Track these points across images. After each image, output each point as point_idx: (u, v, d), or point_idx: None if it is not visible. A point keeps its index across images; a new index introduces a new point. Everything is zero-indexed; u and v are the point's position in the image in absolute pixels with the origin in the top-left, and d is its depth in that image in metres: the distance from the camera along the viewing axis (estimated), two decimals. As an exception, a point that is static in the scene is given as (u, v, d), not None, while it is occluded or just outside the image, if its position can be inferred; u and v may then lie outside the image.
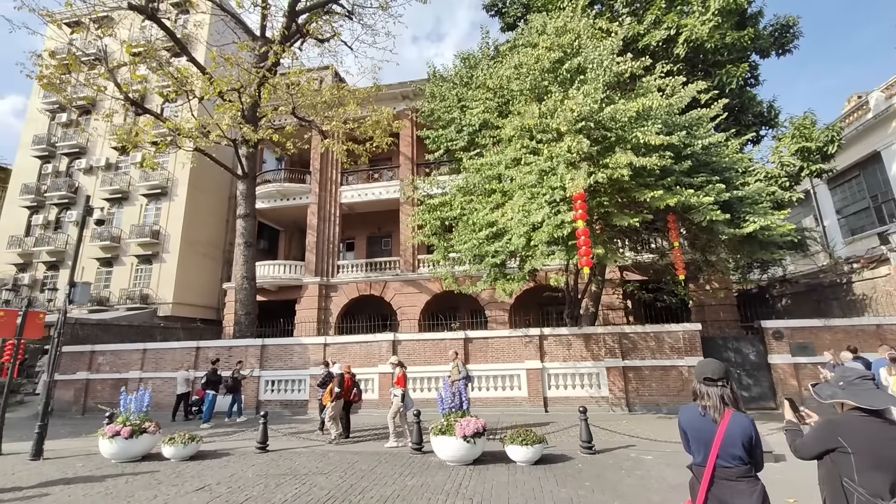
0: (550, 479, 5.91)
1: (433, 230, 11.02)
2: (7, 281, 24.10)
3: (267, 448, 8.13)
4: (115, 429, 7.42)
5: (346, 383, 9.13)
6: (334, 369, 9.51)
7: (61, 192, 24.94)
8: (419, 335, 13.78)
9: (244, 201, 16.45)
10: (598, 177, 7.64)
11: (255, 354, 14.14)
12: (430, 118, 13.57)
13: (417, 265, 20.19)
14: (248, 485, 6.02)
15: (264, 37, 17.92)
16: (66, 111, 27.08)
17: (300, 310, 20.35)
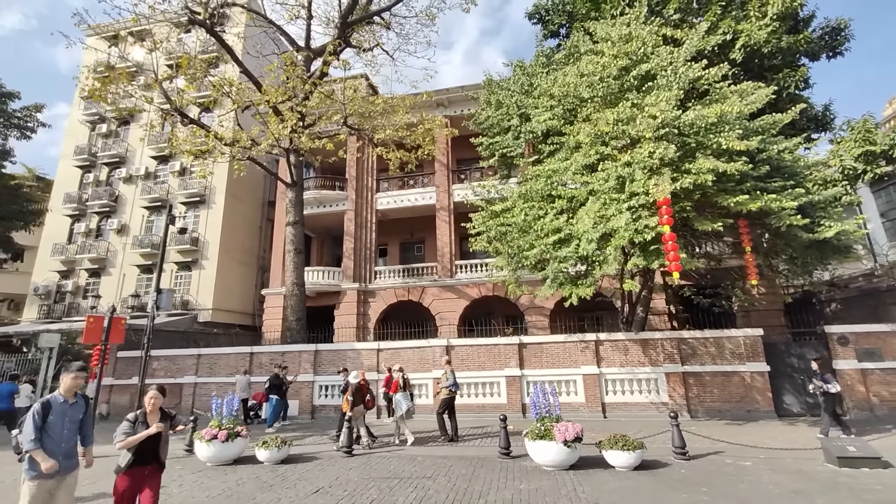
0: (662, 485, 5.93)
1: (497, 236, 11.11)
2: (51, 287, 24.71)
3: (353, 452, 8.24)
4: (213, 433, 7.60)
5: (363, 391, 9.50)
6: (350, 378, 9.65)
7: (102, 200, 25.55)
8: (473, 340, 13.84)
9: (293, 208, 16.72)
10: (685, 182, 7.69)
11: (309, 360, 14.32)
12: (482, 125, 13.73)
13: (455, 271, 20.30)
14: (361, 488, 6.13)
15: (309, 47, 18.29)
16: (105, 122, 27.82)
17: (339, 315, 20.55)
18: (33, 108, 15.64)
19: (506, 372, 13.02)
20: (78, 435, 4.21)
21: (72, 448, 4.10)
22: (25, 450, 3.89)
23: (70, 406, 4.15)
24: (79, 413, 4.20)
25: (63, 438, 4.03)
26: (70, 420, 4.11)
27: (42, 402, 4.07)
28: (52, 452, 3.92)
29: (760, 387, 11.64)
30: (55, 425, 4.01)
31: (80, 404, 4.24)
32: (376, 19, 18.19)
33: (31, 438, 3.87)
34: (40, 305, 24.35)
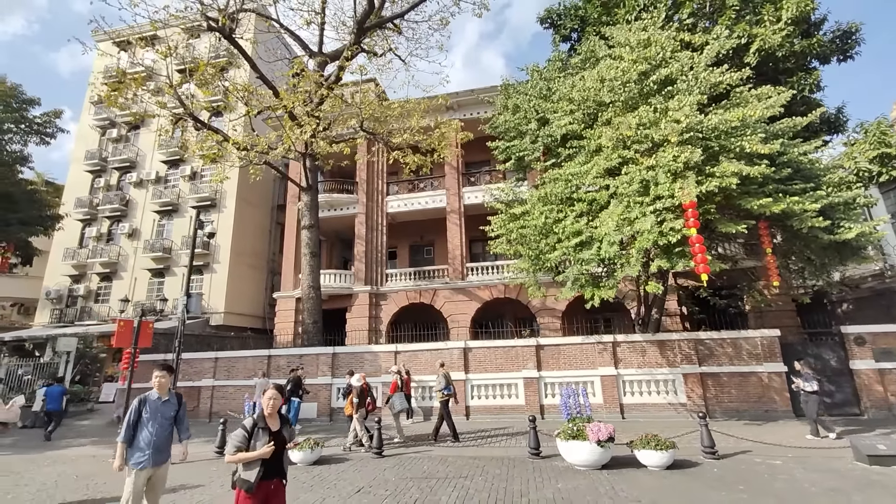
0: (699, 484, 6.04)
1: (518, 238, 11.23)
2: (63, 292, 24.83)
3: (383, 453, 8.34)
4: (247, 434, 7.69)
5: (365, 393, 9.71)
6: (353, 381, 9.84)
7: (113, 205, 25.71)
8: (490, 343, 13.95)
9: (308, 212, 16.85)
10: (711, 185, 7.82)
11: (327, 362, 14.43)
12: (498, 129, 13.87)
13: (466, 273, 20.41)
14: (401, 487, 6.23)
15: (322, 52, 18.48)
16: (116, 127, 28.02)
17: (351, 318, 20.65)
18: (52, 114, 15.80)
19: (523, 374, 13.12)
20: (173, 430, 4.46)
21: (163, 442, 4.37)
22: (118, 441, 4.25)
23: (163, 403, 4.40)
24: (171, 410, 4.43)
25: (155, 433, 4.27)
26: (163, 416, 4.36)
27: (138, 399, 4.34)
28: (144, 446, 4.26)
29: (778, 387, 11.74)
30: (148, 421, 4.25)
31: (172, 402, 4.47)
32: (388, 24, 18.39)
33: (122, 434, 4.27)
34: (52, 310, 24.47)
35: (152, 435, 4.31)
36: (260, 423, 3.65)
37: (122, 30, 25.35)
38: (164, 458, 4.42)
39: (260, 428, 3.63)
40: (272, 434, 3.65)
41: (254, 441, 3.55)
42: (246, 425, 3.63)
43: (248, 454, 3.51)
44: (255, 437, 3.57)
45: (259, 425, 3.63)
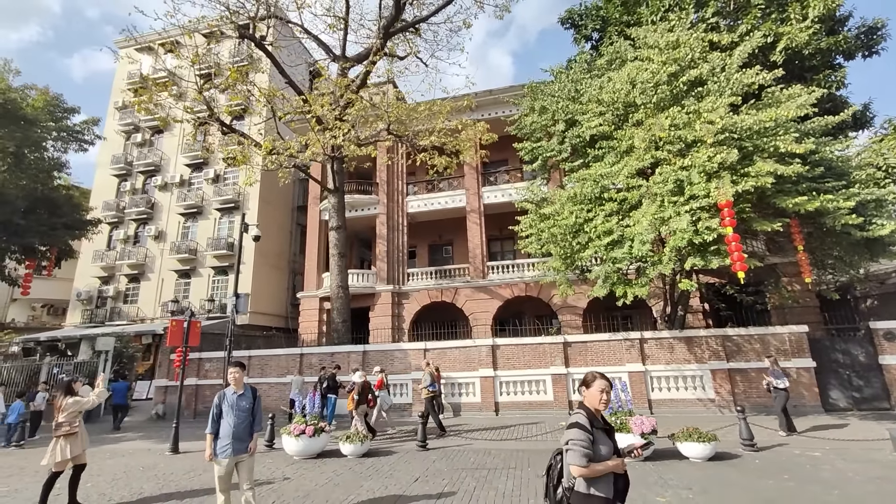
0: (743, 474, 6.27)
1: (549, 238, 11.48)
2: (93, 293, 25.56)
3: (427, 447, 8.67)
4: (301, 428, 8.08)
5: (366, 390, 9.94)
6: (355, 378, 10.13)
7: (139, 207, 26.38)
8: (517, 340, 14.22)
9: (336, 214, 17.24)
10: (747, 185, 8.01)
11: (357, 360, 14.80)
12: (524, 130, 14.11)
13: (487, 272, 20.68)
14: (456, 476, 6.55)
15: (345, 56, 18.82)
16: (140, 131, 28.69)
17: (374, 317, 21.01)
18: (90, 122, 16.31)
19: (551, 370, 13.38)
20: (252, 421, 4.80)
21: (242, 432, 4.70)
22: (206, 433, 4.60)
23: (238, 397, 4.74)
24: (247, 403, 4.75)
25: (234, 425, 4.61)
26: (239, 409, 4.69)
27: (218, 395, 4.71)
28: (225, 436, 4.65)
29: (807, 382, 11.87)
30: (227, 414, 4.60)
31: (247, 395, 4.80)
32: (411, 28, 18.68)
33: (209, 426, 4.68)
34: (83, 310, 25.19)
35: (231, 426, 4.67)
36: (597, 421, 2.75)
37: (146, 35, 25.95)
38: (245, 446, 4.75)
39: (600, 430, 2.73)
40: (610, 435, 2.78)
41: (596, 445, 2.66)
42: (580, 423, 2.69)
43: (607, 465, 2.61)
44: (597, 441, 2.69)
45: (596, 425, 2.72)
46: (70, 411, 5.61)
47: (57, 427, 5.55)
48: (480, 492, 5.84)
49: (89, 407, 5.81)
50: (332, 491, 6.12)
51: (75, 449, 5.58)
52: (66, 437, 5.52)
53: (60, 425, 5.54)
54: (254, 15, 15.62)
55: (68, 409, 5.61)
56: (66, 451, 5.48)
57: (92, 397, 5.88)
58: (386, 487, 6.19)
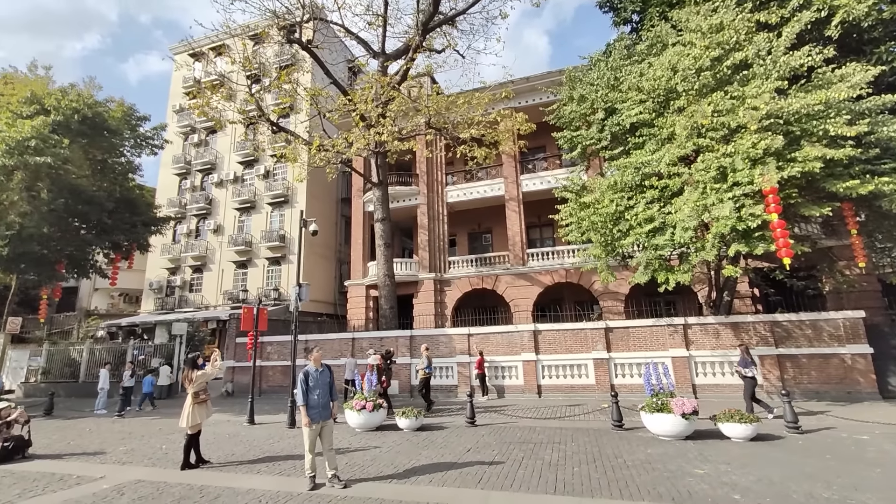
0: (785, 453, 6.51)
1: (591, 226, 11.72)
2: (162, 283, 28.04)
3: (476, 423, 9.35)
4: (362, 404, 8.97)
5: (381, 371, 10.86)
6: (370, 360, 10.98)
7: (199, 204, 28.48)
8: (559, 325, 14.59)
9: (380, 206, 18.08)
10: (793, 171, 7.98)
11: (405, 344, 15.71)
12: (563, 119, 14.23)
13: (526, 259, 20.99)
14: (504, 448, 7.19)
15: (384, 52, 19.44)
16: (196, 132, 30.75)
17: (417, 304, 21.90)
18: (159, 128, 17.89)
19: (593, 355, 13.70)
20: (329, 394, 5.63)
21: (326, 402, 5.63)
22: (299, 405, 5.41)
23: (320, 373, 5.59)
24: (326, 378, 5.61)
25: (319, 396, 5.48)
26: (322, 383, 5.54)
27: (303, 372, 5.55)
28: (314, 405, 5.51)
29: (863, 368, 11.58)
30: (314, 388, 5.45)
31: (326, 372, 5.66)
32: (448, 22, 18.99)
33: (301, 399, 5.53)
34: (155, 298, 27.73)
35: (318, 397, 5.64)
36: None
37: (198, 40, 27.70)
38: (328, 413, 5.71)
39: None
40: None
41: None
42: None
43: None
44: None
45: None
46: (199, 382, 6.73)
47: (195, 396, 6.68)
48: (528, 461, 6.44)
49: (210, 378, 6.94)
50: (395, 457, 6.92)
51: (205, 415, 6.75)
52: (199, 404, 6.63)
53: (198, 394, 6.67)
54: (299, 20, 16.47)
55: (197, 380, 6.72)
56: (199, 416, 6.64)
57: (209, 369, 7.01)
58: (441, 455, 6.92)
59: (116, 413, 12.71)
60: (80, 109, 14.02)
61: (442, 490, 5.29)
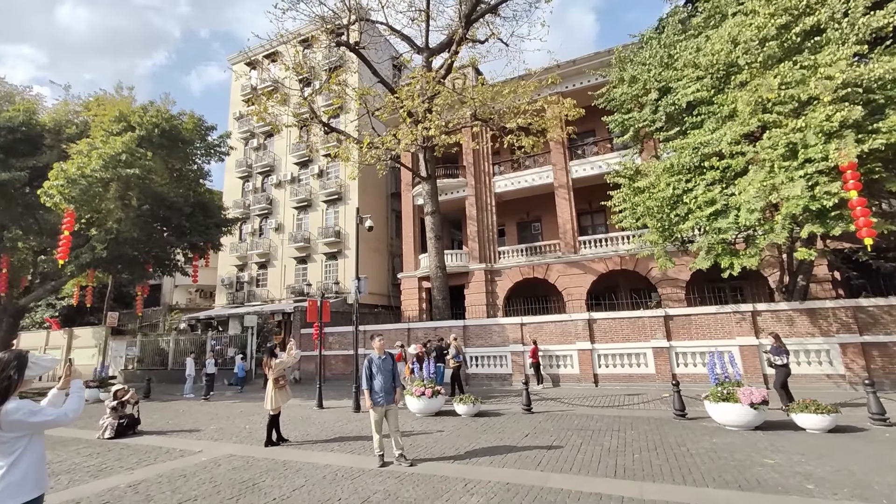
0: (868, 444, 6.14)
1: (646, 211, 11.38)
2: (232, 279, 30.36)
3: (532, 410, 9.52)
4: (422, 390, 9.42)
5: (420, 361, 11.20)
6: (410, 350, 11.18)
7: (261, 204, 30.40)
8: (615, 314, 14.32)
9: (430, 200, 18.49)
10: (875, 143, 7.34)
11: (458, 333, 16.05)
12: (613, 102, 13.80)
13: (578, 246, 20.61)
14: (562, 434, 7.32)
15: (428, 47, 19.66)
16: (255, 137, 32.72)
17: (469, 294, 22.19)
18: (225, 136, 19.32)
19: (652, 343, 13.34)
20: (392, 380, 6.05)
21: (389, 387, 6.05)
22: (363, 389, 5.91)
23: (382, 361, 6.03)
24: (389, 365, 6.04)
25: (383, 381, 5.91)
26: (384, 370, 5.98)
27: (367, 359, 6.00)
28: (378, 390, 5.95)
29: (965, 358, 10.45)
30: (377, 374, 5.90)
31: (388, 360, 6.09)
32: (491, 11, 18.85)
33: (364, 384, 6.03)
34: (227, 293, 30.10)
35: (382, 382, 6.04)
36: None
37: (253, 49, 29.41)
38: (391, 398, 6.11)
39: None
40: None
41: None
42: None
43: None
44: None
45: None
46: (277, 369, 7.45)
47: (275, 381, 7.41)
48: (587, 447, 6.54)
49: (287, 366, 7.65)
50: (455, 440, 7.27)
51: (284, 398, 7.49)
52: (279, 388, 7.36)
53: (277, 380, 7.41)
54: (346, 23, 17.06)
55: (276, 367, 7.46)
56: (280, 399, 7.37)
57: (285, 357, 7.72)
58: (500, 440, 7.17)
59: (203, 397, 14.15)
60: (159, 124, 15.50)
61: (502, 471, 5.55)
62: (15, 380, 2.66)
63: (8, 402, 2.60)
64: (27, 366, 2.73)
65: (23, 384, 2.71)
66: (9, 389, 2.62)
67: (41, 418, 2.67)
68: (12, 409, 2.58)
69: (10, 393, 2.63)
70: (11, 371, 2.65)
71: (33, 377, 2.78)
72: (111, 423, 8.64)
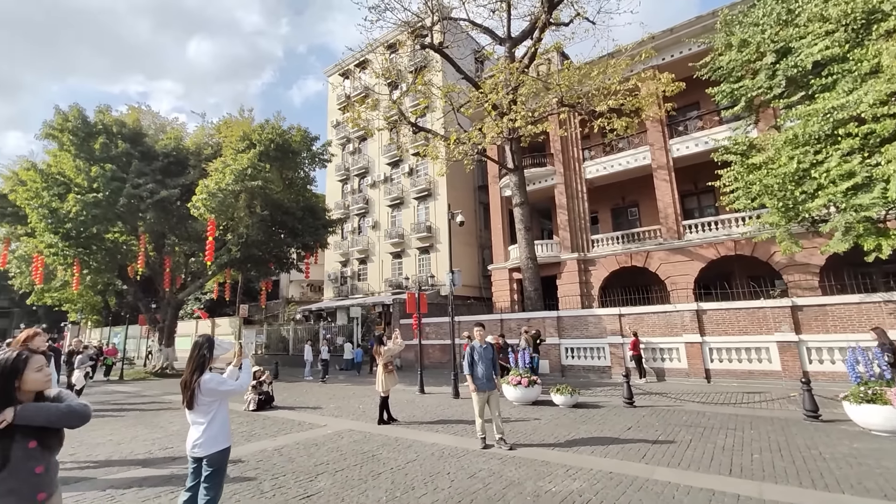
0: None
1: (764, 189, 10.20)
2: (337, 274, 33.29)
3: (634, 403, 9.21)
4: (518, 379, 9.65)
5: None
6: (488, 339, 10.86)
7: (358, 204, 32.80)
8: (729, 304, 13.08)
9: (518, 191, 18.46)
10: None
11: (552, 325, 15.94)
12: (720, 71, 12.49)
13: (682, 231, 19.02)
14: (668, 430, 7.04)
15: (510, 37, 19.49)
16: (350, 142, 35.29)
17: (561, 285, 21.73)
18: (327, 144, 21.25)
19: (776, 337, 11.95)
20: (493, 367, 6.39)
21: (490, 374, 6.37)
22: (465, 374, 6.32)
23: (483, 349, 6.37)
24: (489, 354, 6.37)
25: (485, 368, 6.26)
26: (485, 358, 6.32)
27: (469, 347, 6.38)
28: (480, 376, 6.29)
29: None
30: (479, 361, 6.27)
31: (489, 348, 6.43)
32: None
33: (466, 370, 6.40)
34: (333, 287, 33.12)
35: (484, 369, 6.37)
36: None
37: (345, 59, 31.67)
38: (493, 384, 6.42)
39: None
40: None
41: None
42: None
43: None
44: None
45: None
46: (386, 355, 8.29)
47: (385, 366, 8.25)
48: (697, 443, 6.23)
49: (394, 353, 8.43)
50: (554, 429, 7.38)
51: (393, 382, 8.30)
52: (388, 373, 8.19)
53: (387, 365, 8.25)
54: (429, 24, 17.64)
55: (385, 353, 8.29)
56: (389, 383, 8.19)
57: (391, 345, 8.51)
58: (601, 431, 7.13)
59: (321, 379, 15.94)
60: (274, 139, 17.64)
61: (604, 460, 5.57)
62: (207, 357, 3.46)
63: (204, 374, 3.39)
64: (215, 347, 3.53)
65: (212, 361, 3.51)
66: (204, 365, 3.43)
67: (227, 387, 3.43)
68: (207, 379, 3.37)
69: (205, 367, 3.43)
70: (205, 351, 3.45)
71: (219, 356, 3.57)
72: (253, 398, 10.25)
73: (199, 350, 3.44)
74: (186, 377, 3.38)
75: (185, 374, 3.42)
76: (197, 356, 3.42)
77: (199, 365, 3.40)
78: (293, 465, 5.82)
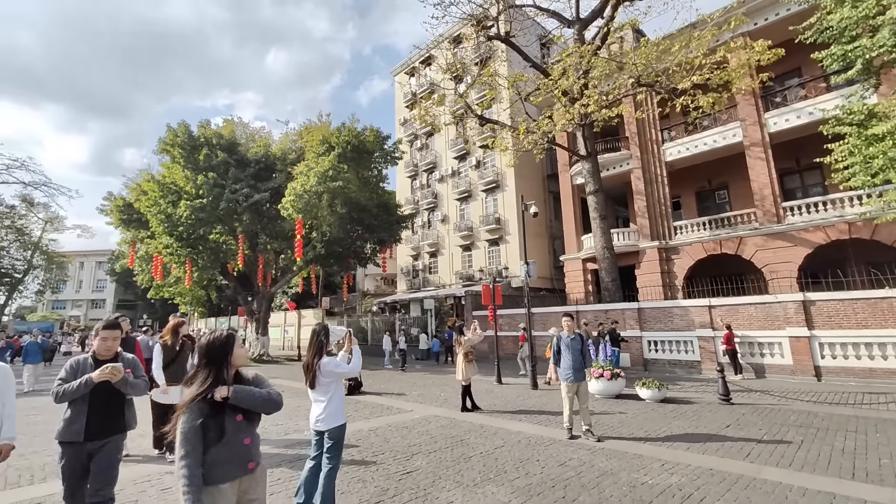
0: None
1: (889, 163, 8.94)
2: (408, 267, 34.45)
3: (731, 400, 8.62)
4: (600, 372, 9.46)
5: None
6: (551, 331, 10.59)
7: (427, 199, 33.55)
8: (845, 294, 11.65)
9: (591, 178, 17.84)
10: None
11: (633, 317, 15.27)
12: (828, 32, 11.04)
13: (783, 214, 17.16)
14: (776, 431, 6.53)
15: (580, 19, 18.72)
16: (418, 138, 36.10)
17: (641, 275, 20.65)
18: (397, 142, 22.03)
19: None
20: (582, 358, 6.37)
21: (578, 365, 6.36)
22: (551, 364, 6.35)
23: (571, 340, 6.35)
24: (578, 345, 6.35)
25: (572, 359, 6.25)
26: (573, 349, 6.30)
27: (556, 337, 6.41)
28: (567, 367, 6.28)
29: None
30: (566, 352, 6.28)
31: (577, 339, 6.41)
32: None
33: (553, 359, 6.43)
34: (405, 280, 34.31)
35: (570, 360, 6.36)
36: None
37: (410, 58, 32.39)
38: (582, 375, 6.39)
39: None
40: None
41: None
42: None
43: None
44: None
45: None
46: (466, 345, 8.60)
47: (465, 356, 8.58)
48: (810, 444, 5.73)
49: (474, 343, 8.68)
50: (643, 423, 7.17)
51: (473, 370, 8.60)
52: (468, 362, 8.50)
53: (467, 354, 8.57)
54: (494, 14, 17.48)
55: (465, 343, 8.60)
56: (469, 371, 8.50)
57: (470, 336, 8.76)
58: (695, 427, 6.79)
59: (400, 368, 16.74)
60: (350, 141, 18.67)
61: (703, 457, 5.33)
62: (324, 342, 3.87)
63: (322, 358, 3.81)
64: (330, 333, 3.95)
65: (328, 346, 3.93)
66: (322, 349, 3.85)
67: (342, 369, 3.83)
68: (325, 362, 3.78)
69: (324, 351, 3.85)
70: (322, 337, 3.87)
71: (334, 342, 3.99)
72: (345, 383, 11.05)
73: (317, 337, 3.87)
74: (308, 360, 3.82)
75: (306, 358, 3.87)
76: (316, 342, 3.85)
77: (318, 349, 3.83)
78: (389, 444, 6.27)
